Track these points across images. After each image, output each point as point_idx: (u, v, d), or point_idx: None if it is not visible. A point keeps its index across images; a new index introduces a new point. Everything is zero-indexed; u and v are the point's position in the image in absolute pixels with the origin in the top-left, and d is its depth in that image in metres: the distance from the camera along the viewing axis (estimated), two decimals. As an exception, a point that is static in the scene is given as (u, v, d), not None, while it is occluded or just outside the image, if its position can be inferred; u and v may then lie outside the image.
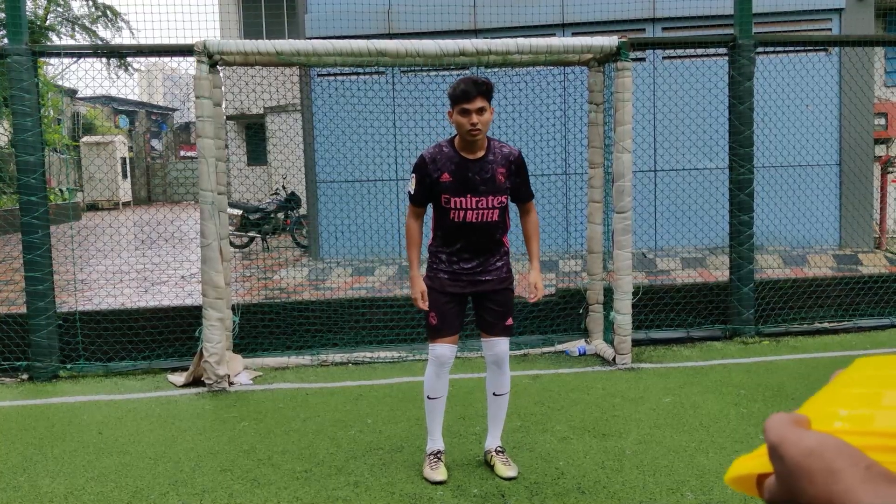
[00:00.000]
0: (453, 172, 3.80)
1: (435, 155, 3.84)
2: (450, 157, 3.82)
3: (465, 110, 3.67)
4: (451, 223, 3.85)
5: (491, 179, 3.81)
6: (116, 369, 6.03)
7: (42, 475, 4.06)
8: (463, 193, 3.80)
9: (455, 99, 3.70)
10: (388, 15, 10.82)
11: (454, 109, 3.72)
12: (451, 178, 3.80)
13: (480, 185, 3.80)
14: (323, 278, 9.82)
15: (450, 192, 3.81)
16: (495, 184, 3.82)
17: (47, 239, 5.85)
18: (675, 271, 9.49)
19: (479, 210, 3.82)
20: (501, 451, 4.03)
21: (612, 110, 6.01)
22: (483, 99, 3.68)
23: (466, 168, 3.80)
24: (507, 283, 3.98)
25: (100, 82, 34.24)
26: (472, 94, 3.65)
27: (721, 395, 5.05)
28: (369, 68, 8.19)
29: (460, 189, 3.80)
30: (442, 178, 3.81)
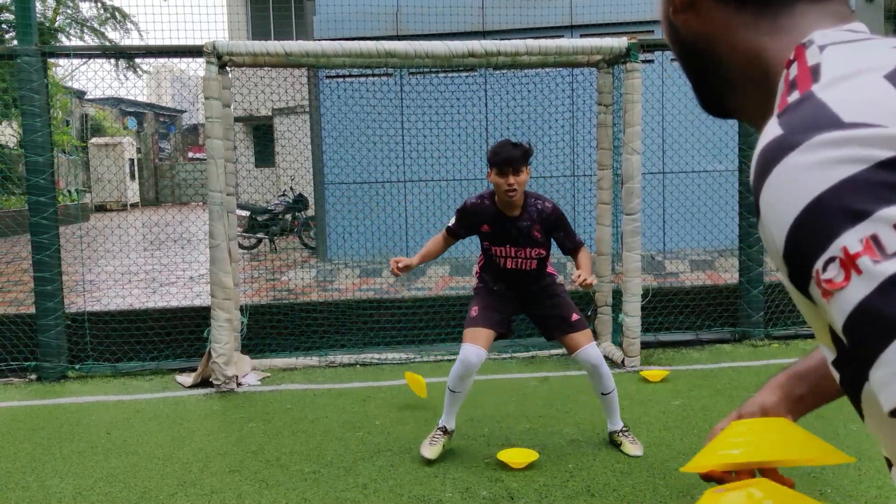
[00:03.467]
0: (492, 225, 4.06)
1: (477, 206, 4.09)
2: (490, 211, 4.06)
3: (502, 172, 3.87)
4: (497, 267, 4.15)
5: (527, 235, 4.05)
6: (125, 370, 6.04)
7: (51, 475, 4.06)
8: (502, 244, 4.08)
9: (494, 163, 3.89)
10: (396, 16, 10.82)
11: (493, 170, 3.91)
12: (491, 230, 4.07)
13: (518, 238, 4.05)
14: (330, 280, 9.82)
15: (490, 241, 4.11)
16: (531, 238, 4.06)
17: (56, 239, 5.86)
18: (683, 273, 9.45)
19: (519, 259, 4.09)
20: (626, 431, 4.22)
21: (621, 112, 6.00)
22: (521, 163, 3.88)
23: (504, 223, 4.04)
24: (559, 290, 4.23)
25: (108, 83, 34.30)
26: (512, 160, 3.85)
27: (731, 398, 5.03)
28: (377, 70, 8.19)
29: (499, 240, 4.08)
30: (482, 228, 4.09)
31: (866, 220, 0.57)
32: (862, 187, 0.58)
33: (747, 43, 0.76)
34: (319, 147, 10.83)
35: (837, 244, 0.58)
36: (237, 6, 19.89)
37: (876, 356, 0.57)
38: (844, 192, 0.58)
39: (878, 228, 0.57)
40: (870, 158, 0.58)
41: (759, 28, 0.75)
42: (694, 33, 0.81)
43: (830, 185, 0.59)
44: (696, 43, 0.81)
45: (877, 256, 0.57)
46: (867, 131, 0.59)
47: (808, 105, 0.65)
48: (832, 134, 0.60)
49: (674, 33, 0.84)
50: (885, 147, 0.59)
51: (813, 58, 0.69)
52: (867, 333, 0.57)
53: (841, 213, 0.58)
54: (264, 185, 17.51)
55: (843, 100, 0.63)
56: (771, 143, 0.65)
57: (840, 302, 0.59)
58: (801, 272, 0.63)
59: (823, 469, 3.81)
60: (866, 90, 0.63)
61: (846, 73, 0.66)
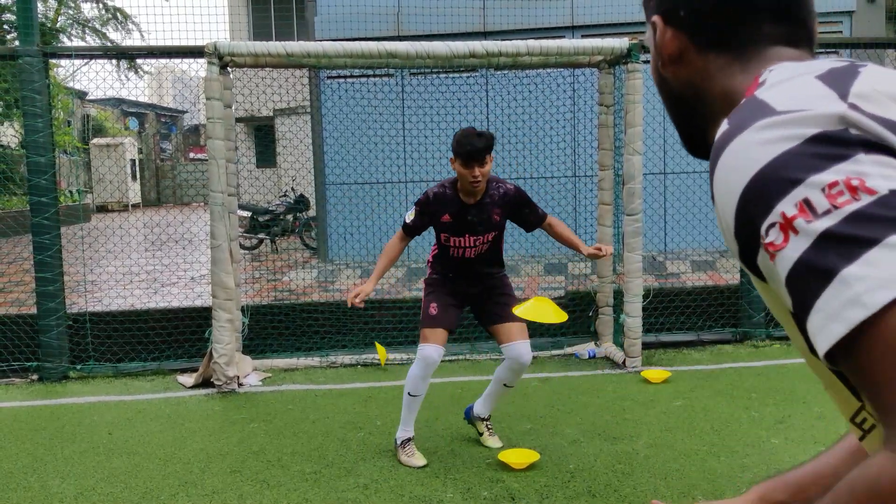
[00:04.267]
0: (453, 214, 4.06)
1: (440, 196, 4.09)
2: (452, 199, 4.07)
3: (467, 164, 3.89)
4: (451, 257, 4.16)
5: (487, 220, 4.08)
6: (126, 370, 6.04)
7: (52, 476, 4.07)
8: (461, 234, 4.08)
9: (458, 154, 3.90)
10: (397, 17, 10.82)
11: (457, 160, 3.92)
12: (451, 220, 4.07)
13: (478, 225, 4.07)
14: (331, 280, 9.83)
15: (449, 232, 4.09)
16: (491, 223, 4.09)
17: (58, 240, 5.87)
18: (685, 274, 9.45)
19: (476, 246, 4.13)
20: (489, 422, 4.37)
21: (622, 112, 6.00)
22: (485, 154, 3.89)
23: (466, 212, 4.05)
24: (506, 287, 4.26)
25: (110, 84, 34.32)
26: (477, 149, 3.85)
27: (732, 399, 5.03)
28: (379, 70, 8.19)
29: (459, 230, 4.07)
30: (443, 218, 4.08)
31: (800, 186, 0.66)
32: (795, 159, 0.67)
33: (722, 82, 0.89)
34: (320, 147, 10.84)
35: (777, 210, 0.67)
36: (238, 7, 19.90)
37: (812, 304, 0.64)
38: (780, 165, 0.68)
39: (809, 192, 0.65)
40: (800, 136, 0.68)
41: (731, 70, 0.88)
42: (680, 81, 0.93)
43: (769, 160, 0.69)
44: (683, 89, 0.94)
45: (809, 217, 0.65)
46: (797, 114, 0.69)
47: (749, 103, 0.76)
48: (768, 119, 0.71)
49: (664, 84, 0.97)
50: (812, 125, 0.68)
51: (762, 76, 0.82)
52: (805, 285, 0.65)
53: (778, 183, 0.67)
54: (265, 186, 17.51)
55: (778, 95, 0.74)
56: (720, 136, 0.76)
57: (782, 261, 0.67)
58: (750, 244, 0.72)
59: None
60: (798, 87, 0.74)
61: (784, 79, 0.77)
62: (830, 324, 0.63)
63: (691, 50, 0.91)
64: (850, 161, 0.66)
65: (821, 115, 0.69)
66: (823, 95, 0.71)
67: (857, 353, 0.63)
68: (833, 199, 0.64)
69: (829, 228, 0.64)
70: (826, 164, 0.66)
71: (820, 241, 0.64)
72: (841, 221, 0.63)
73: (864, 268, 0.62)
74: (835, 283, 0.63)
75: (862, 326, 0.61)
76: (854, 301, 0.62)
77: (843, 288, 0.62)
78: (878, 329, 0.61)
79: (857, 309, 0.61)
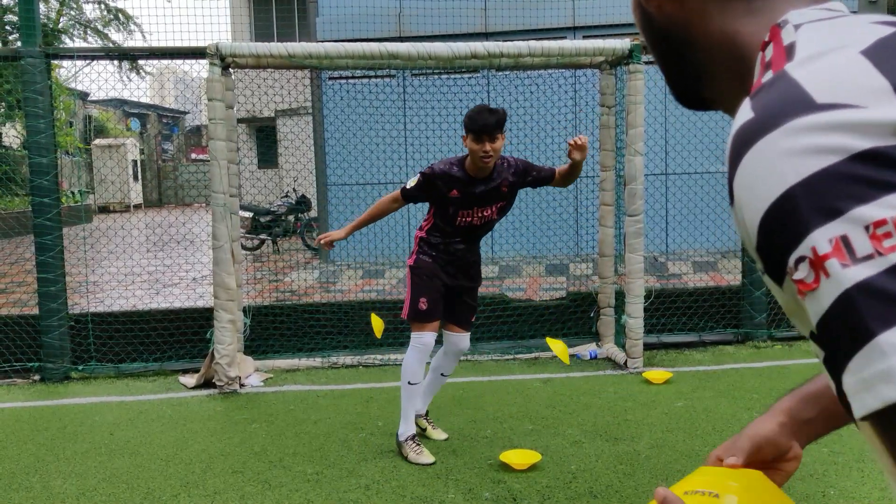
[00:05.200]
0: (461, 190, 4.07)
1: (447, 174, 4.06)
2: (459, 178, 4.07)
3: (479, 139, 3.89)
4: (457, 223, 4.15)
5: (495, 192, 4.12)
6: (128, 371, 6.05)
7: (54, 476, 4.07)
8: (469, 207, 4.11)
9: (471, 129, 3.90)
10: (399, 18, 10.83)
11: (469, 136, 3.93)
12: (459, 195, 4.08)
13: (486, 199, 4.11)
14: (333, 281, 9.83)
15: (457, 206, 4.10)
16: (498, 193, 4.14)
17: (59, 240, 5.87)
18: (686, 275, 9.45)
19: (483, 216, 4.17)
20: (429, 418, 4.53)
21: (623, 113, 6.00)
22: (497, 130, 3.90)
23: (474, 187, 4.08)
24: (479, 278, 4.38)
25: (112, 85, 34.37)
26: (489, 124, 3.86)
27: (733, 400, 5.02)
28: (380, 71, 8.19)
29: (466, 204, 4.10)
30: (451, 193, 4.08)
31: (837, 220, 0.54)
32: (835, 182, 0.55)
33: (722, 26, 0.74)
34: (322, 148, 10.85)
35: (807, 243, 0.56)
36: (240, 8, 19.91)
37: (845, 364, 0.55)
38: (816, 187, 0.55)
39: (848, 229, 0.54)
40: (844, 149, 0.55)
41: (734, 10, 0.73)
42: (668, 19, 0.77)
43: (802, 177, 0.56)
44: (670, 29, 0.78)
45: (845, 260, 0.54)
46: (842, 114, 0.56)
47: (780, 84, 0.61)
48: (805, 119, 0.57)
49: (646, 20, 0.80)
50: (861, 135, 0.55)
51: (788, 37, 0.66)
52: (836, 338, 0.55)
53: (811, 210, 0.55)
54: (267, 187, 17.51)
55: (817, 78, 0.59)
56: (743, 127, 0.62)
57: (812, 304, 0.57)
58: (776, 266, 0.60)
59: (826, 470, 3.80)
60: (842, 67, 0.59)
61: (821, 50, 0.62)
62: (863, 392, 0.54)
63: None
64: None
65: (875, 121, 0.55)
66: (877, 88, 0.56)
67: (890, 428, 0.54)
68: (878, 242, 0.53)
69: (868, 279, 0.53)
70: (875, 193, 0.53)
71: (855, 292, 0.53)
72: (884, 272, 0.52)
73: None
74: (869, 349, 0.53)
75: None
76: (889, 376, 0.52)
77: (879, 357, 0.52)
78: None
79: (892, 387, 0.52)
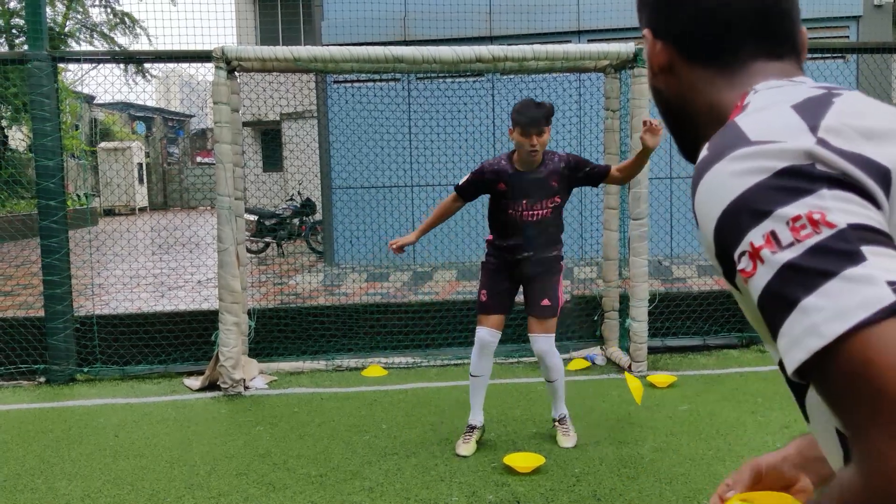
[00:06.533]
0: (508, 183, 4.15)
1: (495, 168, 4.18)
2: (506, 170, 4.16)
3: (526, 132, 3.97)
4: (508, 217, 4.19)
5: (545, 187, 4.16)
6: (133, 373, 6.06)
7: (59, 478, 4.08)
8: (518, 199, 4.16)
9: (518, 122, 3.98)
10: (404, 21, 10.85)
11: (516, 130, 4.00)
12: (507, 188, 4.15)
13: (535, 192, 4.15)
14: (338, 284, 9.84)
15: (506, 199, 4.18)
16: (549, 189, 4.17)
17: (65, 243, 5.89)
18: (691, 279, 9.44)
19: (534, 211, 4.19)
20: (563, 420, 4.41)
21: (628, 117, 6.00)
22: (544, 123, 3.97)
23: (521, 179, 4.14)
24: (554, 267, 4.29)
25: (118, 88, 34.50)
26: (536, 118, 3.94)
27: (738, 404, 5.02)
28: (385, 75, 8.21)
29: (516, 196, 4.16)
30: (499, 186, 4.17)
31: (767, 219, 0.71)
32: (763, 192, 0.72)
33: (709, 96, 0.93)
34: (327, 151, 10.86)
35: (746, 240, 0.72)
36: (246, 11, 19.96)
37: (779, 329, 0.69)
38: (750, 197, 0.73)
39: (775, 225, 0.70)
40: (769, 169, 0.73)
41: (717, 85, 0.92)
42: (672, 92, 0.98)
43: (740, 192, 0.74)
44: (674, 99, 0.99)
45: (774, 248, 0.70)
46: (768, 146, 0.74)
47: (727, 130, 0.81)
48: (741, 150, 0.75)
49: (658, 94, 1.02)
50: (780, 159, 0.73)
51: (748, 99, 0.86)
52: (772, 310, 0.70)
53: (748, 214, 0.73)
54: (272, 190, 17.55)
55: (754, 124, 0.78)
56: (700, 161, 0.81)
57: (752, 287, 0.72)
58: (729, 266, 0.77)
59: (831, 475, 3.80)
60: (773, 116, 0.79)
61: (763, 106, 0.82)
62: (793, 349, 0.68)
63: (679, 62, 0.95)
64: (814, 196, 0.70)
65: (789, 149, 0.73)
66: (795, 127, 0.75)
67: (817, 376, 0.68)
68: (796, 233, 0.69)
69: (791, 260, 0.69)
70: (791, 197, 0.71)
71: (783, 272, 0.69)
72: (802, 254, 0.68)
73: (821, 299, 0.66)
74: (796, 312, 0.68)
75: (820, 353, 0.66)
76: (812, 330, 0.66)
77: (803, 317, 0.67)
78: (833, 357, 0.65)
79: (815, 338, 0.66)
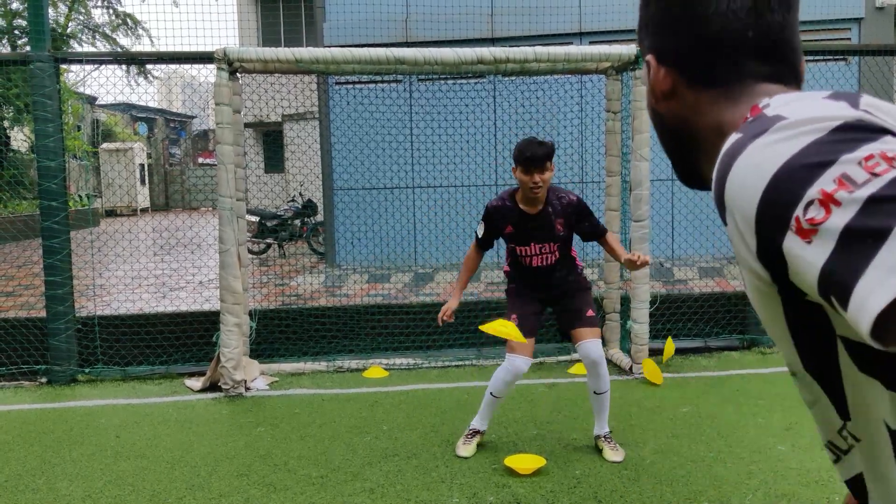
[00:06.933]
0: (515, 225, 4.17)
1: (499, 209, 4.21)
2: (511, 211, 4.18)
3: (527, 170, 3.98)
4: (522, 266, 4.26)
5: (550, 230, 4.17)
6: (134, 373, 6.07)
7: (60, 478, 4.09)
8: (526, 242, 4.19)
9: (520, 161, 3.99)
10: (405, 23, 10.86)
11: (518, 168, 4.02)
12: (514, 230, 4.19)
13: (540, 234, 4.16)
14: (339, 285, 9.85)
15: (514, 242, 4.21)
16: (553, 233, 4.18)
17: (67, 244, 5.90)
18: (692, 281, 9.44)
19: (543, 255, 4.21)
20: (608, 437, 4.28)
21: (629, 118, 6.00)
22: (546, 161, 3.98)
23: (526, 221, 4.16)
24: (582, 285, 4.31)
25: (120, 89, 34.54)
26: (538, 156, 3.95)
27: (739, 406, 5.02)
28: (387, 76, 8.22)
29: (522, 240, 4.19)
30: (506, 229, 4.20)
31: (834, 165, 0.67)
32: (823, 146, 0.68)
33: (712, 117, 0.92)
34: (328, 153, 10.87)
35: (814, 189, 0.67)
36: (248, 13, 19.99)
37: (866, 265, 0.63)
38: (809, 152, 0.69)
39: (845, 168, 0.66)
40: (824, 128, 0.69)
41: (720, 105, 0.91)
42: (674, 116, 0.96)
43: (796, 150, 0.69)
44: (677, 124, 0.97)
45: (850, 188, 0.65)
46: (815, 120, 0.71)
47: (759, 118, 0.77)
48: (785, 122, 0.72)
49: (659, 120, 1.00)
50: (834, 120, 0.70)
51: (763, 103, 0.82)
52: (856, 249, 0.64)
53: (810, 167, 0.68)
54: (274, 191, 17.57)
55: (789, 110, 0.75)
56: (730, 145, 0.77)
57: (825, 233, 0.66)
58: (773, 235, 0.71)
59: (831, 476, 3.80)
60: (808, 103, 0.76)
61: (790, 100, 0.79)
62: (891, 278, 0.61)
63: (682, 86, 0.94)
64: (879, 142, 0.67)
65: (840, 114, 0.71)
66: (835, 107, 0.73)
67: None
68: (871, 169, 0.65)
69: (874, 193, 0.64)
70: (856, 144, 0.67)
71: (868, 205, 0.64)
72: (886, 185, 0.64)
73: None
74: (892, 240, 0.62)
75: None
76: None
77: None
78: None
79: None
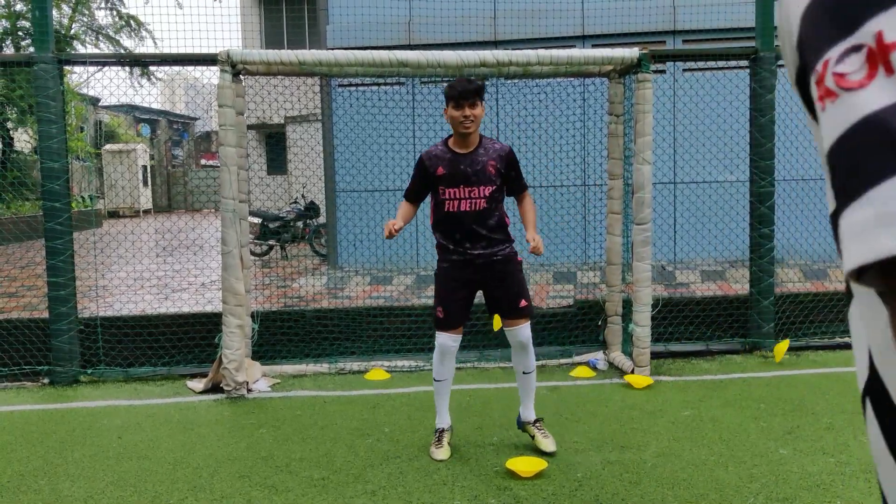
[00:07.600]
0: (446, 166, 4.22)
1: (432, 153, 4.29)
2: (443, 153, 4.25)
3: (458, 105, 4.07)
4: (448, 214, 4.23)
5: (482, 171, 4.19)
6: (136, 375, 6.08)
7: (62, 479, 4.09)
8: (456, 184, 4.19)
9: (451, 96, 4.09)
10: (408, 26, 10.87)
11: (449, 106, 4.12)
12: (445, 171, 4.21)
13: (472, 175, 4.18)
14: (341, 287, 9.85)
15: (444, 184, 4.22)
16: (486, 174, 4.20)
17: (70, 245, 5.91)
18: (694, 284, 9.43)
19: (472, 199, 4.20)
20: (539, 425, 4.38)
21: (632, 122, 6.01)
22: (476, 96, 4.08)
23: (458, 162, 4.20)
24: (513, 264, 4.32)
25: (123, 91, 34.59)
26: (467, 91, 4.05)
27: (741, 409, 5.01)
28: (389, 79, 8.23)
29: (453, 180, 4.20)
30: (437, 171, 4.23)
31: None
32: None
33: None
34: (331, 155, 10.88)
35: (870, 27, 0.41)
36: (251, 15, 20.02)
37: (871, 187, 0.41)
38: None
39: None
40: None
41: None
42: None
43: None
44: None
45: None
46: None
47: None
48: None
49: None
50: None
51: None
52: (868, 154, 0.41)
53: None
54: (276, 193, 17.58)
55: None
56: None
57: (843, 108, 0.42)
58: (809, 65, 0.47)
59: (833, 480, 3.79)
60: None
61: None
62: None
63: None
64: None
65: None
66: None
67: None
68: None
69: None
70: None
71: None
72: None
73: None
74: None
75: None
76: None
77: None
78: None
79: None
